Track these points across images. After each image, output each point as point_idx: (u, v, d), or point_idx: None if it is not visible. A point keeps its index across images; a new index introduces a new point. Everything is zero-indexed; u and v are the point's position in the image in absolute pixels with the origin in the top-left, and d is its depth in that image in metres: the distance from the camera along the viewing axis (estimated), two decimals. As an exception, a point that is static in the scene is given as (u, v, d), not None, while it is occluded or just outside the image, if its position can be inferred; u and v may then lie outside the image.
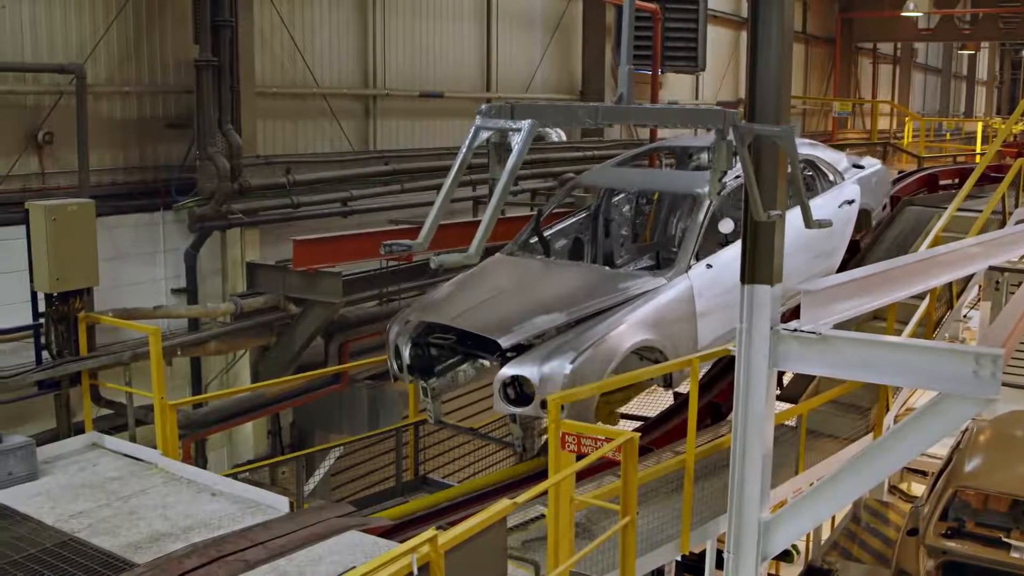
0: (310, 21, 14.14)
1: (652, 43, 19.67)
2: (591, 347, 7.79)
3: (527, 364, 7.75)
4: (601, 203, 10.48)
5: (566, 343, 7.85)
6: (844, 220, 10.58)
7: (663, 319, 8.35)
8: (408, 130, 16.05)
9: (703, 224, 8.87)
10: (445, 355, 8.81)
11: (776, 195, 6.51)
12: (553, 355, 7.75)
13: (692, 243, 8.79)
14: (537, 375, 7.66)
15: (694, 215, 9.00)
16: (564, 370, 7.62)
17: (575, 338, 7.89)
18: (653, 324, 8.24)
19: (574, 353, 7.72)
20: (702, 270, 8.73)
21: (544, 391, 7.55)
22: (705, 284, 8.69)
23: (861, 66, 35.21)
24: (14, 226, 9.90)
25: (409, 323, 8.72)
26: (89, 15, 11.18)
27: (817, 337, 6.32)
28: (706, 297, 8.68)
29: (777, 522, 6.72)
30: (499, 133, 5.20)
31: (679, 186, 9.89)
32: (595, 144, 19.04)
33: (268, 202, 12.60)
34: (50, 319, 9.58)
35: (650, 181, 10.40)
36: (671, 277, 8.58)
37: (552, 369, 7.65)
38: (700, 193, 9.03)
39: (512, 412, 7.91)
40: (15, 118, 10.64)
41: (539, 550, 6.63)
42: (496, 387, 7.85)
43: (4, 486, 7.72)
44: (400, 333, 8.70)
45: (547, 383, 7.60)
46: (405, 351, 8.61)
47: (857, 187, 10.84)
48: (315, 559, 6.52)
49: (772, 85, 6.37)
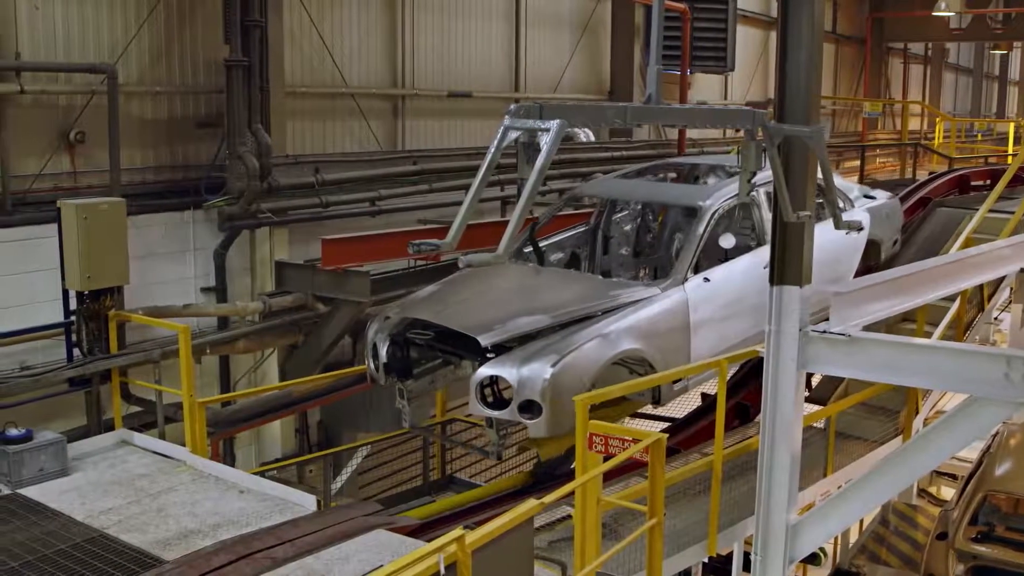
0: (339, 21, 14.19)
1: (681, 43, 19.60)
2: (575, 351, 7.43)
3: (506, 365, 7.38)
4: (601, 216, 10.19)
5: (549, 346, 7.49)
6: (851, 247, 10.23)
7: (654, 329, 8.00)
8: (436, 130, 16.07)
9: (702, 236, 8.58)
10: (425, 357, 8.52)
11: (805, 196, 6.47)
12: (534, 357, 7.37)
13: (690, 255, 8.49)
14: (516, 376, 7.27)
15: (694, 227, 8.71)
16: (545, 373, 7.23)
17: (559, 341, 7.54)
18: (642, 333, 7.89)
19: (556, 356, 7.34)
20: (699, 283, 8.45)
21: (522, 394, 7.24)
22: (701, 298, 8.38)
23: (891, 66, 34.93)
24: (46, 224, 9.99)
25: (389, 320, 8.42)
26: (121, 15, 11.27)
27: (846, 339, 6.28)
28: (702, 311, 8.36)
29: (805, 525, 6.69)
30: (528, 133, 5.20)
31: (680, 198, 9.59)
32: (624, 145, 19.02)
33: (297, 201, 12.66)
34: (81, 317, 9.67)
35: (652, 193, 10.03)
36: (665, 287, 8.26)
37: (532, 371, 7.26)
38: (701, 205, 8.77)
39: (488, 415, 7.53)
40: (48, 118, 10.74)
41: (566, 550, 6.63)
42: (473, 387, 7.46)
43: (35, 482, 7.80)
44: (379, 330, 8.38)
45: (526, 386, 7.24)
46: (383, 349, 8.28)
47: (867, 215, 10.39)
48: (342, 557, 6.55)
49: (802, 85, 6.34)
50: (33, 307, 10.21)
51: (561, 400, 7.17)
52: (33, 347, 10.18)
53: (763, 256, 8.65)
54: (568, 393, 7.13)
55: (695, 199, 8.98)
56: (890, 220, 11.18)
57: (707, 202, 8.77)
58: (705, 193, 8.97)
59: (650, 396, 8.29)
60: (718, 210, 8.79)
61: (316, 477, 10.87)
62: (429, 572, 4.41)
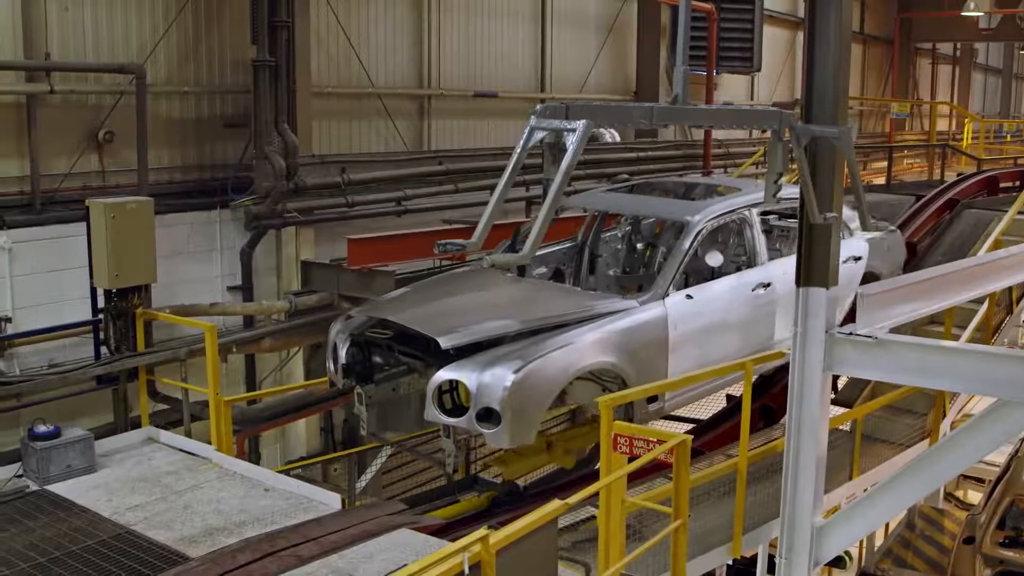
0: (366, 21, 14.23)
1: (707, 43, 19.54)
2: (540, 358, 6.99)
3: (466, 369, 6.92)
4: (590, 230, 9.77)
5: (514, 352, 7.05)
6: (848, 276, 9.37)
7: (628, 344, 7.57)
8: (462, 130, 16.09)
9: (687, 252, 8.21)
10: (389, 362, 8.14)
11: (832, 197, 6.44)
12: (497, 362, 6.92)
13: (673, 270, 8.11)
14: (475, 382, 6.82)
15: (679, 242, 8.34)
16: (506, 380, 6.77)
17: (524, 348, 7.10)
18: (615, 347, 7.46)
19: (520, 362, 6.89)
20: (680, 300, 8.05)
21: (481, 401, 6.79)
22: (682, 315, 7.98)
23: (919, 66, 34.69)
24: (75, 223, 10.08)
25: (352, 319, 8.12)
26: (149, 16, 11.35)
27: (873, 341, 6.24)
28: (682, 329, 7.95)
29: (830, 527, 6.65)
30: (554, 133, 5.20)
31: (668, 213, 9.19)
32: (649, 145, 18.99)
33: (323, 201, 12.71)
34: (109, 315, 9.73)
35: (640, 206, 9.62)
36: (644, 301, 7.86)
37: (494, 377, 6.81)
38: (689, 220, 8.42)
39: (445, 422, 7.05)
40: (77, 117, 10.83)
41: (590, 551, 6.62)
42: (430, 392, 7.00)
43: (63, 478, 7.88)
44: (341, 330, 8.04)
45: (485, 392, 6.78)
46: (342, 349, 7.92)
47: (866, 245, 9.83)
48: (366, 556, 6.57)
49: (829, 86, 6.30)
50: (62, 305, 10.30)
51: (523, 410, 6.83)
52: (61, 345, 10.28)
53: (753, 277, 8.63)
54: (530, 403, 6.86)
55: (683, 214, 8.64)
56: (891, 253, 10.50)
57: (695, 217, 8.42)
58: (694, 209, 8.64)
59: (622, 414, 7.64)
60: (706, 226, 8.44)
61: (340, 476, 10.91)
62: (453, 572, 4.41)
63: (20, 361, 10.10)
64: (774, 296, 8.65)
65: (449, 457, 7.40)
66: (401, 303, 8.18)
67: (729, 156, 21.25)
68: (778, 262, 8.92)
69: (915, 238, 12.73)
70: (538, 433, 8.39)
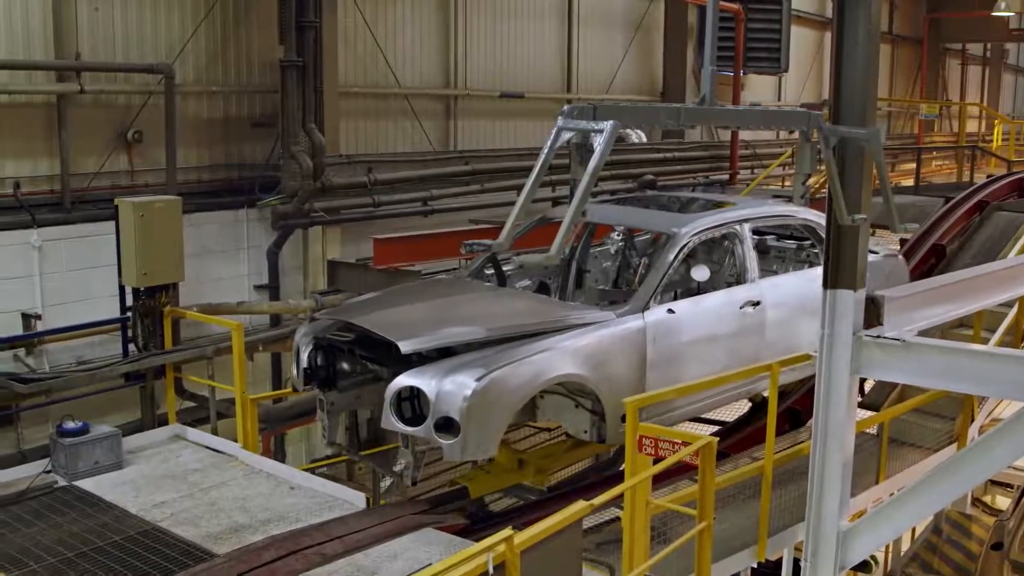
0: (392, 22, 14.27)
1: (735, 44, 19.48)
2: (505, 367, 6.63)
3: (426, 376, 6.58)
4: (579, 242, 9.37)
5: (478, 359, 6.71)
6: None
7: (601, 357, 7.17)
8: (488, 130, 16.11)
9: (671, 264, 7.82)
10: (355, 369, 7.78)
11: (861, 198, 6.40)
12: (459, 369, 6.58)
13: (655, 282, 7.70)
14: (435, 389, 6.47)
15: (663, 254, 7.93)
16: (466, 389, 6.43)
17: (488, 356, 6.75)
18: (586, 359, 7.05)
19: (483, 370, 6.54)
20: (661, 314, 7.63)
21: (440, 410, 6.45)
22: (663, 331, 7.58)
23: (949, 67, 34.43)
24: (104, 222, 10.16)
25: (317, 322, 7.82)
26: (178, 17, 11.42)
27: (901, 344, 6.19)
28: (661, 345, 7.55)
29: (856, 532, 6.61)
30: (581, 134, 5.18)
31: (656, 224, 8.76)
32: (675, 146, 18.94)
33: (350, 201, 12.76)
34: (137, 313, 9.82)
35: (628, 217, 9.19)
36: (622, 314, 7.44)
37: (455, 385, 6.46)
38: (676, 232, 8.02)
39: (402, 431, 6.69)
40: (106, 117, 10.93)
41: (614, 553, 6.60)
42: (387, 398, 6.65)
43: (91, 474, 7.94)
44: (305, 333, 7.71)
45: (445, 400, 6.44)
46: (304, 353, 7.57)
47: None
48: (391, 555, 6.59)
49: (858, 87, 6.26)
50: (90, 303, 10.39)
51: (484, 421, 6.51)
52: (90, 342, 10.36)
53: (741, 294, 8.24)
54: (492, 414, 6.55)
55: (669, 226, 8.25)
56: (890, 280, 9.51)
57: (682, 229, 8.03)
58: (681, 221, 8.24)
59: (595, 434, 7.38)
60: (692, 240, 8.06)
61: (365, 475, 10.93)
62: (478, 572, 4.41)
63: (49, 358, 10.20)
64: (763, 315, 8.30)
65: (407, 469, 6.99)
66: (367, 306, 7.83)
67: (756, 157, 21.16)
68: (769, 280, 8.64)
69: (944, 240, 12.63)
70: (511, 450, 8.21)
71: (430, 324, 7.09)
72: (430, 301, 7.81)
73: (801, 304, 8.44)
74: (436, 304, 7.74)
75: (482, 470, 7.86)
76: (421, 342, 6.78)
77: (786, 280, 8.87)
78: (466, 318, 7.33)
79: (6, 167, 10.14)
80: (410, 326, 7.02)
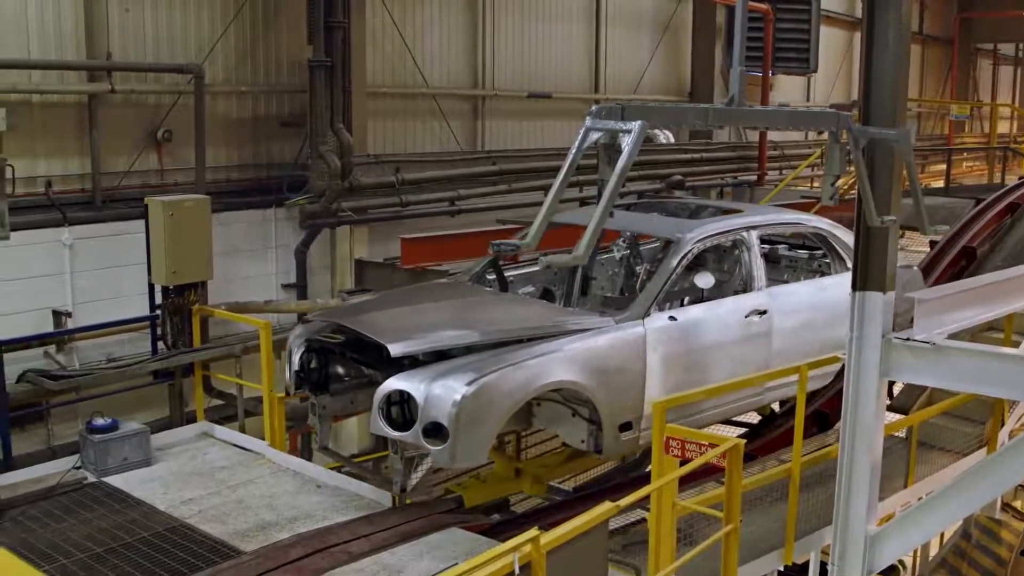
0: (420, 22, 14.30)
1: (763, 44, 19.40)
2: (496, 372, 6.45)
3: (415, 379, 6.43)
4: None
5: (470, 363, 6.54)
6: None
7: (598, 364, 6.96)
8: (516, 130, 16.12)
9: (674, 270, 7.62)
10: (350, 373, 7.65)
11: (890, 200, 6.35)
12: (450, 373, 6.42)
13: (656, 289, 7.52)
14: (423, 393, 6.32)
15: (667, 260, 7.75)
16: (456, 394, 6.27)
17: (480, 360, 6.58)
18: (582, 365, 6.85)
19: (475, 375, 6.37)
20: (663, 322, 7.45)
21: (429, 415, 6.29)
22: (663, 338, 7.38)
23: (980, 67, 34.15)
24: (134, 220, 10.24)
25: (310, 324, 7.64)
26: (208, 17, 11.50)
27: (930, 347, 6.14)
28: (662, 353, 7.34)
29: (884, 536, 6.56)
30: (609, 134, 5.15)
31: (661, 230, 8.56)
32: (703, 146, 18.88)
33: (377, 200, 12.80)
34: (166, 311, 9.88)
35: (633, 223, 8.94)
36: (621, 320, 7.26)
37: (444, 389, 6.30)
38: (680, 238, 7.85)
39: (390, 436, 6.53)
40: (137, 116, 11.01)
41: (640, 554, 6.59)
42: (376, 402, 6.51)
43: (120, 471, 8.00)
44: (298, 335, 7.55)
45: (434, 405, 6.28)
46: (296, 355, 7.43)
47: None
48: (417, 554, 6.60)
49: (888, 87, 6.22)
50: (120, 301, 10.47)
51: (473, 427, 6.33)
52: (120, 340, 10.44)
53: (747, 303, 8.07)
54: (483, 420, 6.37)
55: (673, 232, 8.06)
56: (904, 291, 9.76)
57: (686, 235, 7.86)
58: (686, 227, 8.07)
59: (592, 444, 7.20)
60: (696, 246, 7.89)
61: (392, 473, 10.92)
62: (503, 572, 4.41)
63: (79, 355, 10.30)
64: (769, 325, 8.12)
65: (396, 475, 6.87)
66: (361, 308, 7.71)
67: (784, 158, 21.07)
68: (777, 289, 8.46)
69: (975, 242, 12.52)
70: (507, 459, 8.19)
71: (422, 327, 6.91)
72: (426, 304, 7.67)
73: (810, 314, 8.34)
74: (431, 307, 7.60)
75: (477, 479, 7.76)
76: (411, 345, 6.61)
77: (795, 289, 8.72)
78: (460, 322, 7.16)
79: (38, 166, 10.23)
80: (401, 329, 6.85)
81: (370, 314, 7.31)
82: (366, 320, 7.10)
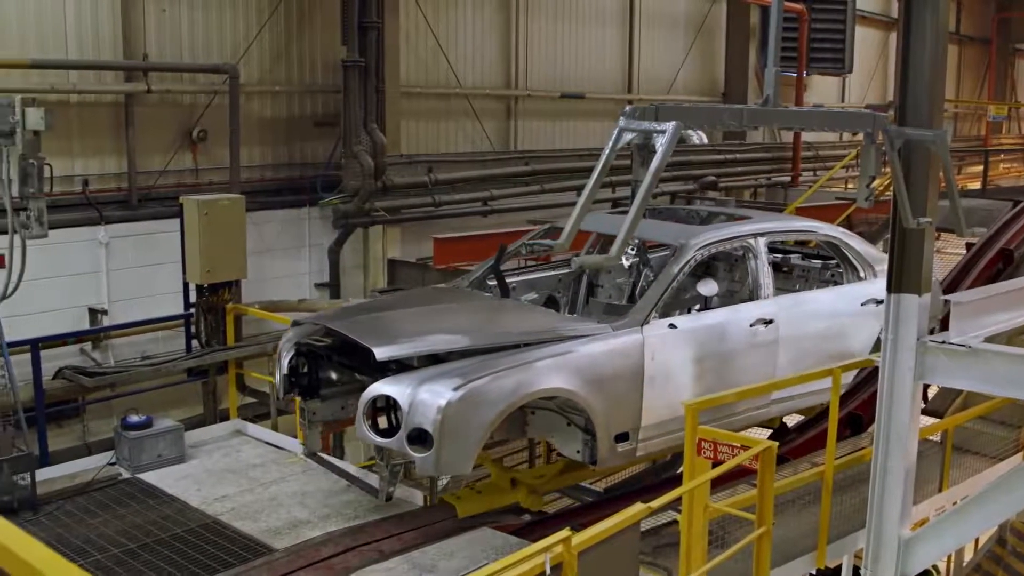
0: (454, 23, 14.33)
1: (798, 44, 19.28)
2: (484, 378, 6.25)
3: (401, 384, 6.25)
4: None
5: (457, 369, 6.35)
6: (865, 321, 8.67)
7: (593, 372, 6.72)
8: (549, 131, 16.11)
9: (675, 277, 7.40)
10: (342, 378, 7.47)
11: (926, 201, 6.30)
12: (436, 378, 6.23)
13: (657, 295, 7.27)
14: (408, 398, 6.13)
15: (668, 266, 7.52)
16: (441, 399, 6.08)
17: (470, 365, 6.38)
18: (576, 373, 6.62)
19: (460, 380, 6.18)
20: (663, 329, 7.19)
21: (413, 421, 6.10)
22: (663, 346, 7.13)
23: (1018, 68, 33.77)
24: (169, 219, 10.32)
25: (300, 327, 7.44)
26: (243, 18, 11.58)
27: (967, 350, 6.09)
28: (660, 360, 7.09)
29: (918, 540, 6.51)
30: (643, 135, 5.13)
31: (665, 236, 8.29)
32: (737, 147, 18.80)
33: (410, 200, 12.84)
34: (200, 309, 9.96)
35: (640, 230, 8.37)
36: (619, 327, 7.01)
37: (430, 394, 6.11)
38: (683, 244, 7.63)
39: (375, 442, 6.37)
40: (172, 116, 11.11)
41: (671, 556, 6.56)
42: (361, 407, 6.35)
43: (154, 467, 8.08)
44: (289, 339, 7.36)
45: (418, 411, 6.10)
46: (285, 359, 7.24)
47: None
48: (448, 553, 6.61)
49: (924, 88, 6.16)
50: (155, 299, 10.57)
51: (459, 434, 6.14)
52: (154, 337, 10.54)
53: (752, 311, 7.85)
54: (469, 427, 6.17)
55: (677, 238, 7.84)
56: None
57: (689, 241, 7.66)
58: (690, 233, 7.88)
59: (588, 454, 6.98)
60: (699, 253, 7.69)
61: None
62: (535, 572, 4.41)
63: (115, 352, 10.41)
64: (776, 334, 7.88)
65: (382, 482, 6.78)
66: (351, 312, 7.57)
67: (818, 159, 20.93)
68: (785, 298, 8.24)
69: (1012, 245, 12.38)
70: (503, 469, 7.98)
71: (412, 332, 6.74)
72: (419, 308, 7.54)
73: (819, 324, 8.20)
74: (424, 312, 7.44)
75: (472, 489, 7.57)
76: (397, 349, 6.41)
77: (804, 298, 8.52)
78: (452, 327, 6.97)
79: (75, 165, 10.34)
80: (389, 333, 6.68)
81: (360, 317, 7.18)
82: (354, 323, 6.95)
